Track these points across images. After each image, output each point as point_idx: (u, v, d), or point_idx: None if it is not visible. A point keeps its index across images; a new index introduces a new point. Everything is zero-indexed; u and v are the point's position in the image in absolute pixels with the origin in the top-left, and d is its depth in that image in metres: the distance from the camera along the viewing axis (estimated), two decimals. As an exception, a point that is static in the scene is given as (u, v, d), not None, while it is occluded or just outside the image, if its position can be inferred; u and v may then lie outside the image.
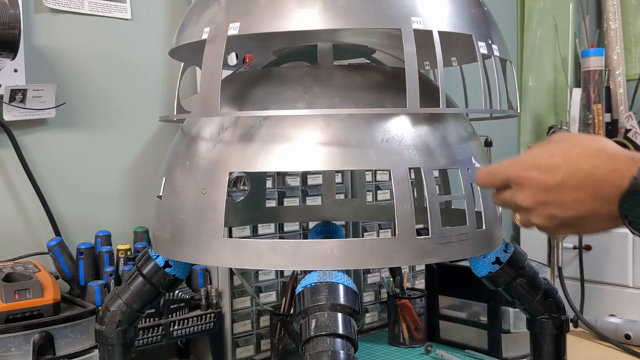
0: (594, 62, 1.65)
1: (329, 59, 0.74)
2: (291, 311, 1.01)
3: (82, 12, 1.13)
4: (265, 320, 1.13)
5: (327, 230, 0.97)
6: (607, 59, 1.79)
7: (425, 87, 0.63)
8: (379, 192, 1.29)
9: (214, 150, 0.67)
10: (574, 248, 1.50)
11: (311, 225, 1.11)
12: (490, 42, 0.68)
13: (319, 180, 1.19)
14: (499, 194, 0.63)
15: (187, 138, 0.72)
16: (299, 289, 0.64)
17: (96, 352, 0.83)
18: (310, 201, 1.18)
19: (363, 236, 1.26)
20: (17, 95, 1.03)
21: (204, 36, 0.64)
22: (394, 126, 0.65)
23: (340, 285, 0.63)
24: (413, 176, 0.69)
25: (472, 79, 0.85)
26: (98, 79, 1.15)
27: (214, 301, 1.06)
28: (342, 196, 1.20)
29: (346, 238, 0.87)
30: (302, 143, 0.64)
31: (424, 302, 1.22)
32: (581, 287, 1.50)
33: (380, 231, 1.31)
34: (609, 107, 1.77)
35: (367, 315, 1.30)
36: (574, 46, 1.80)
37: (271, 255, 0.63)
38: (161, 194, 0.73)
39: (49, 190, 1.10)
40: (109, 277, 1.00)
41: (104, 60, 1.16)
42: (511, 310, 1.10)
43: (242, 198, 0.99)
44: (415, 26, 0.61)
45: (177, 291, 1.02)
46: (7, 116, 1.04)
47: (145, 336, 0.97)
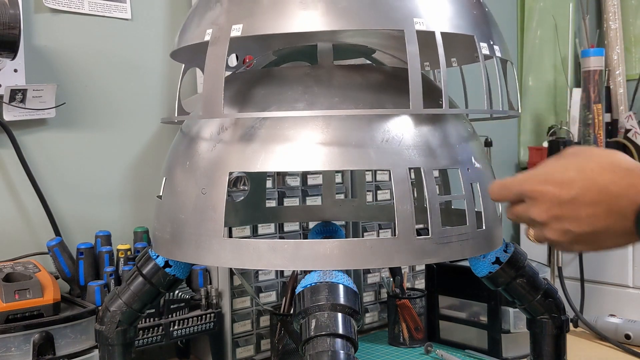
0: (594, 62, 1.65)
1: (329, 59, 0.74)
2: (291, 311, 1.01)
3: (82, 12, 1.13)
4: (265, 320, 1.13)
5: (327, 230, 0.96)
6: (607, 59, 1.79)
7: (427, 87, 0.63)
8: (379, 192, 1.29)
9: (214, 150, 0.67)
10: (574, 248, 1.50)
11: (311, 225, 1.11)
12: (492, 42, 0.68)
13: (319, 180, 1.19)
14: (513, 208, 0.63)
15: (187, 138, 0.72)
16: (299, 289, 0.64)
17: (96, 352, 0.84)
18: (310, 201, 1.18)
19: (363, 236, 1.26)
20: (17, 95, 1.03)
21: (207, 38, 0.63)
22: (394, 126, 0.65)
23: (340, 285, 0.63)
24: (413, 176, 0.69)
25: (471, 80, 0.85)
26: (98, 79, 1.15)
27: (214, 301, 1.05)
28: (342, 196, 1.20)
29: (346, 238, 0.87)
30: (302, 143, 0.64)
31: (424, 302, 1.22)
32: (581, 287, 1.50)
33: (380, 231, 1.30)
34: (609, 107, 1.77)
35: (367, 315, 1.30)
36: (574, 46, 1.80)
37: (271, 255, 0.63)
38: (161, 194, 0.73)
39: (49, 190, 1.10)
40: (109, 277, 1.00)
41: (104, 60, 1.16)
42: (511, 310, 1.10)
43: (242, 198, 0.99)
44: (418, 27, 0.61)
45: (177, 291, 1.02)
46: (7, 116, 1.04)
47: (145, 336, 0.97)
